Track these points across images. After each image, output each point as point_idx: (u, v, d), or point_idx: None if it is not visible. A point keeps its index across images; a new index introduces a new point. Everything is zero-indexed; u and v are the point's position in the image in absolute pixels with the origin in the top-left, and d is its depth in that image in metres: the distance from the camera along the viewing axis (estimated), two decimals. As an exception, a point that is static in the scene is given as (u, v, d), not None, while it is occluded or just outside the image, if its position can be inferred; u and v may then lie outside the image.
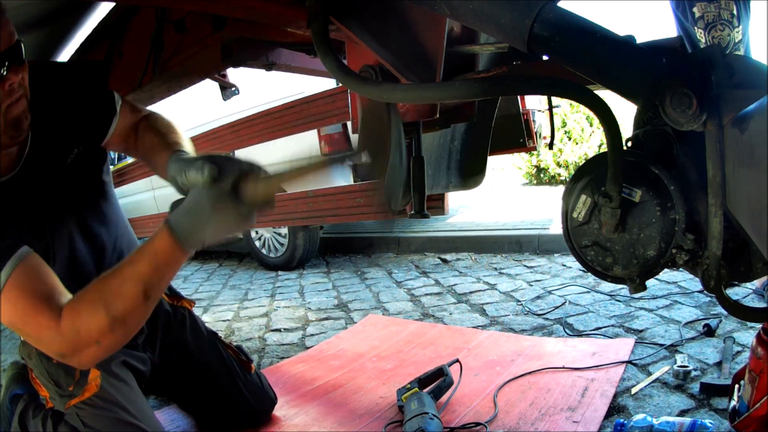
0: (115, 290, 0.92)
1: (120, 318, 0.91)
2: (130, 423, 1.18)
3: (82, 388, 1.19)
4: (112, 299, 0.91)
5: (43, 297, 0.94)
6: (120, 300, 0.91)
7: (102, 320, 0.91)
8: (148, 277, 0.93)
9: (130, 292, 0.92)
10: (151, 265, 0.93)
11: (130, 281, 0.92)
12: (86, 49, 2.00)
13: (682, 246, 0.80)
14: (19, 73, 1.03)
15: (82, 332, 0.91)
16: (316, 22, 0.94)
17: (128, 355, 1.31)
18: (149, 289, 0.93)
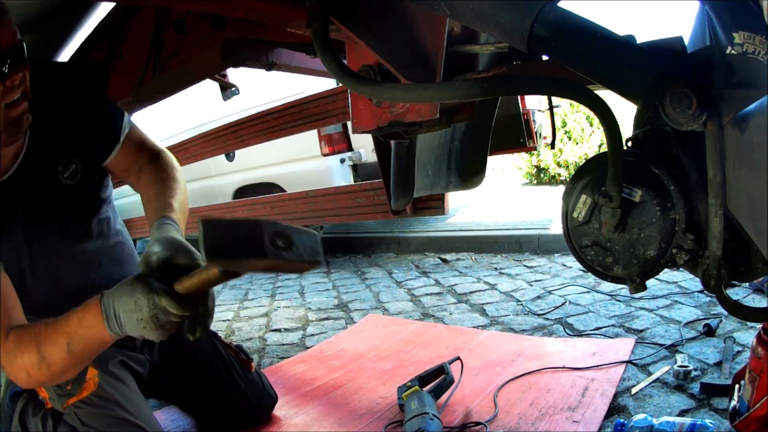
0: (49, 336, 0.96)
1: (47, 361, 0.96)
2: (129, 421, 1.18)
3: (80, 386, 1.19)
4: (44, 343, 0.96)
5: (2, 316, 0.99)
6: (50, 346, 0.96)
7: (33, 357, 0.96)
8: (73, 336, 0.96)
9: (59, 342, 0.96)
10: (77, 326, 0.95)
11: (61, 334, 0.96)
12: (86, 49, 2.00)
13: (682, 246, 0.80)
14: (21, 72, 1.04)
15: (17, 360, 0.97)
16: (316, 22, 0.94)
17: (126, 355, 1.31)
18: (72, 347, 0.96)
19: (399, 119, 1.03)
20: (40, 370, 0.97)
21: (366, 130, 1.09)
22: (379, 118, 1.05)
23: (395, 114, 1.03)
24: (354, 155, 3.64)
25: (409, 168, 1.67)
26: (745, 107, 0.65)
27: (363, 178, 3.62)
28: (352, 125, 1.11)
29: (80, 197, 1.27)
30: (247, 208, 2.82)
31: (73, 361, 0.98)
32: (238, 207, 2.89)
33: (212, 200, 3.46)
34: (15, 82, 1.03)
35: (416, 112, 1.01)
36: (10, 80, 1.02)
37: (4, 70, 1.00)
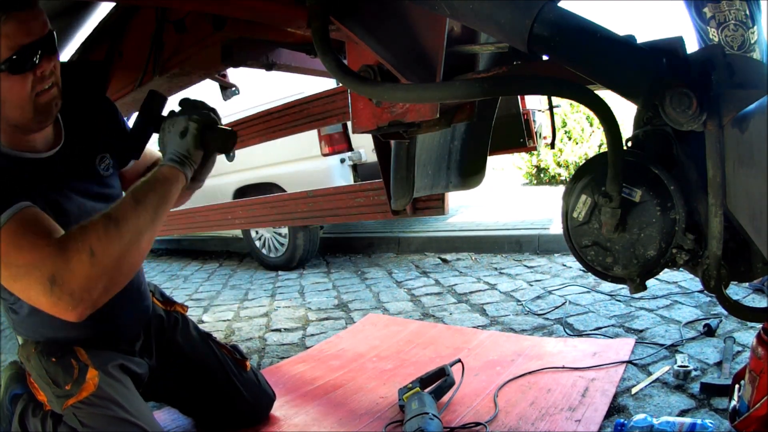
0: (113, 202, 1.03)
1: (113, 218, 0.96)
2: (128, 421, 1.18)
3: (79, 386, 1.19)
4: (107, 209, 0.99)
5: (43, 228, 0.97)
6: (115, 206, 1.00)
7: (98, 224, 0.95)
8: (135, 187, 1.04)
9: (122, 200, 1.02)
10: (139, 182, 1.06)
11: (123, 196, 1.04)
12: (86, 49, 2.00)
13: (682, 246, 0.80)
14: (51, 62, 1.06)
15: (77, 238, 0.93)
16: (316, 22, 0.93)
17: (125, 359, 1.32)
18: (137, 193, 1.02)
19: (399, 119, 1.03)
20: (107, 234, 0.94)
21: (366, 130, 1.09)
22: (379, 118, 1.05)
23: (395, 114, 1.03)
24: (354, 155, 3.64)
25: (409, 168, 1.67)
26: (745, 107, 0.65)
27: (363, 178, 3.62)
28: (352, 125, 1.11)
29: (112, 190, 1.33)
30: (247, 208, 2.81)
31: (141, 209, 1.00)
32: (238, 207, 2.89)
33: (212, 200, 3.45)
34: (46, 72, 1.05)
35: (416, 112, 1.01)
36: (41, 70, 1.04)
37: (35, 60, 1.02)
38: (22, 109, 1.05)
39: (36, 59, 1.02)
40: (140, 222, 0.99)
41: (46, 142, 1.19)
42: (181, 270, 4.76)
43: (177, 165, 1.10)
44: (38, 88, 1.05)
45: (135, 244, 0.98)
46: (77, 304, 0.92)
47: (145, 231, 1.01)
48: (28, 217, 0.98)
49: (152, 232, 1.03)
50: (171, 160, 1.10)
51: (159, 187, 1.05)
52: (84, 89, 1.32)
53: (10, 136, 1.10)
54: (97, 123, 1.31)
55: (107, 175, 1.32)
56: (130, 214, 0.98)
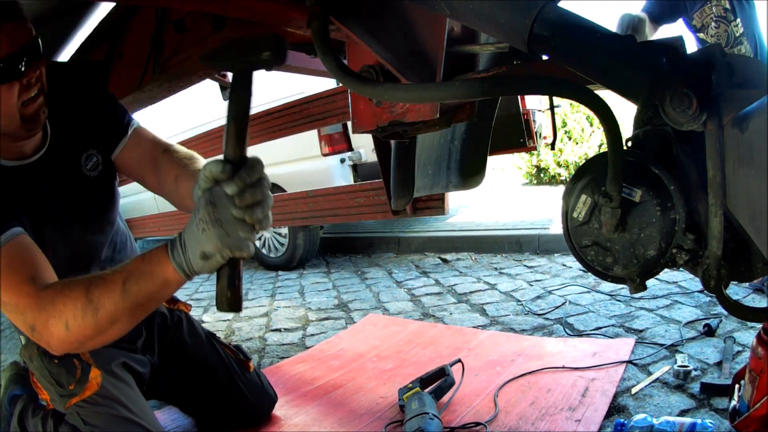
0: (103, 278, 0.92)
1: (95, 305, 0.89)
2: (131, 420, 1.18)
3: (82, 386, 1.19)
4: (95, 285, 0.91)
5: (31, 268, 0.96)
6: (101, 287, 0.90)
7: (78, 301, 0.90)
8: (132, 272, 0.90)
9: (113, 282, 0.90)
10: (139, 262, 0.91)
11: (117, 274, 0.91)
12: (86, 49, 2.00)
13: (682, 246, 0.80)
14: (37, 69, 1.06)
15: (57, 306, 0.91)
16: (316, 22, 0.93)
17: (128, 357, 1.32)
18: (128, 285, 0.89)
19: (399, 119, 1.03)
20: (84, 317, 0.89)
21: (366, 130, 1.09)
22: (379, 118, 1.05)
23: (395, 114, 1.03)
24: (354, 155, 3.64)
25: (409, 168, 1.67)
26: (745, 107, 0.65)
27: (363, 178, 3.62)
28: (352, 125, 1.11)
29: (100, 189, 1.29)
30: (247, 208, 2.81)
31: (127, 304, 0.89)
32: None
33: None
34: (32, 80, 1.05)
35: (416, 112, 1.01)
36: (27, 78, 1.03)
37: (20, 68, 1.01)
38: (9, 118, 1.04)
39: (21, 67, 1.01)
40: (121, 315, 0.91)
41: (34, 147, 1.18)
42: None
43: (183, 275, 0.88)
44: (24, 97, 1.05)
45: (111, 331, 0.94)
46: (55, 351, 0.97)
47: (125, 322, 0.94)
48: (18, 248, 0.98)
49: (133, 323, 0.96)
50: (180, 267, 0.88)
51: (154, 288, 0.90)
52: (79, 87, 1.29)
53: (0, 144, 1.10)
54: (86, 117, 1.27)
55: (94, 174, 1.26)
56: (112, 306, 0.90)
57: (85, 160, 1.26)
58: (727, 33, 2.09)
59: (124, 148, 1.30)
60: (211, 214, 0.84)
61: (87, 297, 0.90)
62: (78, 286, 0.92)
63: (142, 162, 1.30)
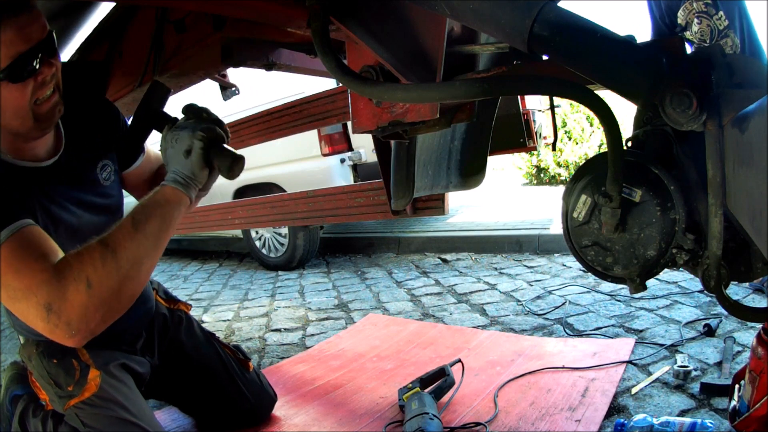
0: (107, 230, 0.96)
1: (111, 247, 0.91)
2: (130, 421, 1.18)
3: (81, 387, 1.19)
4: (107, 234, 0.95)
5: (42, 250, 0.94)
6: (113, 231, 0.95)
7: (95, 252, 0.91)
8: (135, 210, 0.98)
9: (120, 224, 0.96)
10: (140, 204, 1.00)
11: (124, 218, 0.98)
12: (86, 49, 2.00)
13: (682, 246, 0.80)
14: (52, 66, 1.02)
15: (74, 268, 0.89)
16: (316, 22, 0.93)
17: (127, 358, 1.32)
18: (137, 218, 0.96)
19: (399, 119, 1.03)
20: (105, 264, 0.89)
21: (366, 130, 1.09)
22: (379, 118, 1.05)
23: (395, 114, 1.03)
24: (354, 155, 3.64)
25: (409, 168, 1.67)
26: (745, 107, 0.65)
27: (363, 178, 3.62)
28: (352, 125, 1.11)
29: (113, 196, 1.31)
30: (247, 208, 2.81)
31: (141, 236, 0.93)
32: (238, 207, 2.89)
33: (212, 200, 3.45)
34: (47, 78, 1.01)
35: (416, 112, 1.01)
36: (42, 76, 1.00)
37: (35, 65, 0.97)
38: (23, 117, 1.01)
39: (36, 64, 0.98)
40: (140, 250, 0.94)
41: (47, 149, 1.16)
42: (181, 270, 4.76)
43: (180, 187, 1.01)
44: (39, 95, 1.01)
45: (134, 274, 0.94)
46: (74, 334, 0.91)
47: (145, 259, 0.95)
48: (27, 236, 0.95)
49: (153, 259, 0.98)
50: (175, 181, 1.02)
51: (160, 212, 0.98)
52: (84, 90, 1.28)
53: (11, 144, 1.08)
54: (99, 126, 1.27)
55: (108, 183, 1.28)
56: (128, 243, 0.92)
57: (100, 169, 1.27)
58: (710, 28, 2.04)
59: (137, 167, 1.38)
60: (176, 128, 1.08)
61: (102, 244, 0.92)
62: (92, 242, 0.94)
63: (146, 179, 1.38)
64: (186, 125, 1.08)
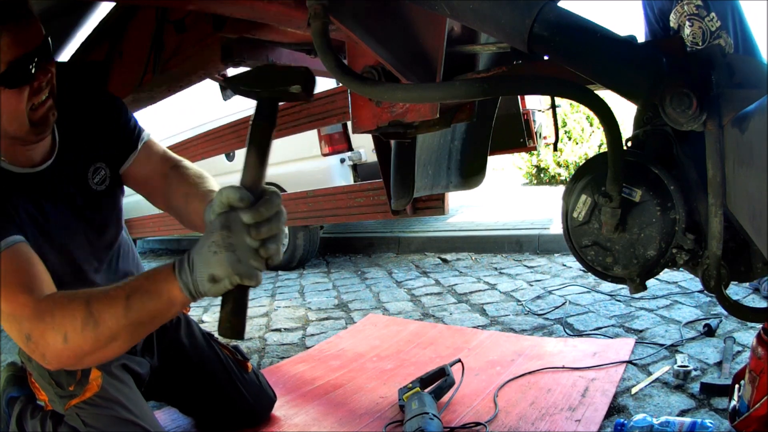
0: (105, 292, 0.90)
1: (95, 318, 0.87)
2: (131, 421, 1.18)
3: (83, 387, 1.19)
4: (97, 298, 0.89)
5: (29, 277, 0.94)
6: (104, 300, 0.88)
7: (78, 313, 0.87)
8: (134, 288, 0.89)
9: (116, 297, 0.88)
10: (144, 280, 0.90)
11: (120, 289, 0.89)
12: (86, 49, 2.00)
13: (682, 246, 0.80)
14: (48, 72, 1.02)
15: (56, 317, 0.89)
16: (316, 22, 0.93)
17: (127, 359, 1.31)
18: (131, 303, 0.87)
19: (399, 119, 1.03)
20: (84, 331, 0.86)
21: (366, 130, 1.09)
22: (379, 118, 1.05)
23: (395, 114, 1.03)
24: (354, 155, 3.64)
25: (409, 168, 1.67)
26: (745, 107, 0.65)
27: (363, 178, 3.62)
28: (352, 125, 1.11)
29: (106, 204, 1.28)
30: (247, 208, 2.81)
31: (128, 321, 0.86)
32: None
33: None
34: (42, 83, 1.01)
35: (416, 112, 1.01)
36: (38, 81, 1.00)
37: (31, 71, 0.98)
38: (19, 122, 1.02)
39: (32, 70, 0.98)
40: (123, 332, 0.89)
41: (44, 153, 1.15)
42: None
43: (189, 296, 0.86)
44: (35, 100, 1.01)
45: (110, 348, 0.91)
46: (49, 365, 0.94)
47: (126, 340, 0.92)
48: (16, 256, 0.95)
49: (131, 342, 0.94)
50: (186, 287, 0.86)
51: (159, 307, 0.88)
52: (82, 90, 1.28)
53: (8, 148, 1.08)
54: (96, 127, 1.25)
55: (102, 188, 1.25)
56: (113, 322, 0.87)
57: (92, 173, 1.23)
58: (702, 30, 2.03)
59: (134, 163, 1.29)
60: (225, 238, 0.82)
61: (88, 310, 0.87)
62: (78, 298, 0.90)
63: (150, 177, 1.30)
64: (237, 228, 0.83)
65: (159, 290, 0.87)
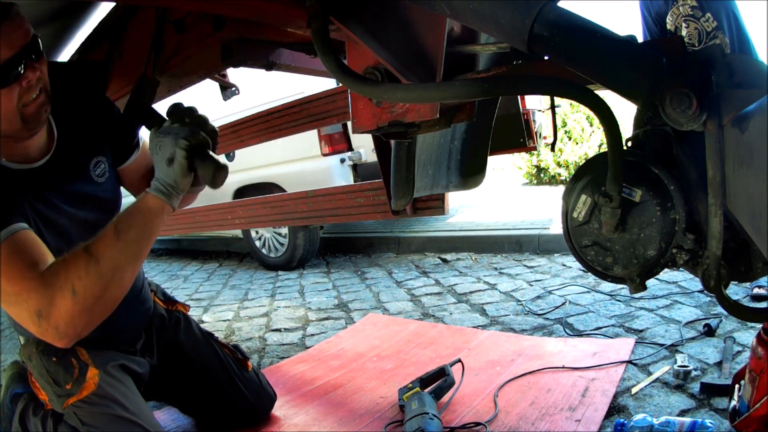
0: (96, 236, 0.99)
1: (95, 256, 0.94)
2: (128, 419, 1.18)
3: (80, 386, 1.19)
4: (91, 242, 0.98)
5: (33, 257, 0.98)
6: (97, 240, 0.98)
7: (79, 260, 0.95)
8: (118, 218, 1.02)
9: (106, 231, 0.99)
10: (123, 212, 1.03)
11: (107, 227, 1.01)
12: (86, 49, 2.00)
13: (682, 246, 0.80)
14: (37, 70, 1.04)
15: (60, 276, 0.94)
16: (316, 22, 0.93)
17: (126, 359, 1.32)
18: (119, 226, 0.99)
19: (399, 119, 1.03)
20: (88, 272, 0.94)
21: (366, 130, 1.09)
22: (379, 118, 1.05)
23: (395, 114, 1.03)
24: (354, 155, 3.64)
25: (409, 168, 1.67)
26: (745, 107, 0.65)
27: (363, 178, 3.62)
28: (352, 125, 1.11)
29: (108, 194, 1.30)
30: (247, 208, 2.81)
31: (122, 244, 0.97)
32: (238, 207, 2.89)
33: (212, 200, 3.45)
34: (32, 82, 1.03)
35: (416, 112, 1.01)
36: (26, 80, 1.02)
37: (19, 71, 1.00)
38: (10, 121, 1.03)
39: (21, 69, 1.00)
40: (121, 258, 0.98)
41: (40, 149, 1.17)
42: (181, 270, 4.76)
43: (162, 196, 1.03)
44: (25, 99, 1.03)
45: (116, 281, 0.99)
46: (63, 336, 0.97)
47: (127, 266, 1.00)
48: (20, 242, 0.98)
49: (135, 266, 1.02)
50: (157, 189, 1.03)
51: (141, 220, 1.01)
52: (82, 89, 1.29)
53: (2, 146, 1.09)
54: (94, 124, 1.27)
55: (102, 180, 1.28)
56: (110, 251, 0.96)
57: (94, 166, 1.27)
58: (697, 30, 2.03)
59: (133, 162, 1.36)
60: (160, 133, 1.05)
61: (86, 252, 0.95)
62: (77, 249, 0.97)
63: (144, 176, 1.37)
64: (170, 130, 1.06)
65: (138, 207, 1.02)
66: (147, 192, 1.04)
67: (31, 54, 1.02)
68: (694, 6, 2.01)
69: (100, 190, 1.27)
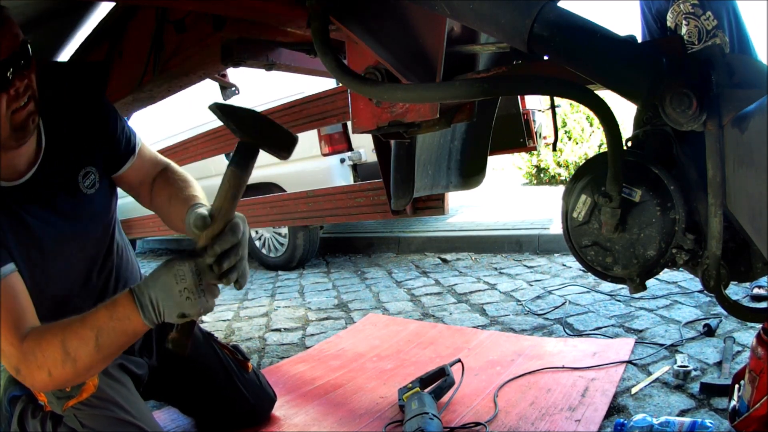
0: (75, 331, 0.97)
1: (72, 357, 0.96)
2: (128, 421, 1.18)
3: (79, 388, 1.18)
4: (70, 338, 0.96)
5: (15, 315, 0.99)
6: (76, 340, 0.96)
7: (57, 353, 0.96)
8: (103, 328, 0.96)
9: (86, 336, 0.96)
10: (107, 319, 0.96)
11: (88, 328, 0.96)
12: (86, 49, 2.00)
13: (682, 246, 0.80)
14: (25, 77, 1.01)
15: (39, 358, 0.96)
16: (316, 22, 0.93)
17: (126, 359, 1.31)
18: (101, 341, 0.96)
19: (399, 119, 1.03)
20: (64, 367, 0.96)
21: (366, 130, 1.09)
22: (379, 118, 1.05)
23: (395, 114, 1.03)
24: (354, 155, 3.64)
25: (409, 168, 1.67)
26: (745, 107, 0.65)
27: (363, 178, 3.62)
28: (352, 125, 1.11)
29: (98, 205, 1.27)
30: (247, 208, 2.81)
31: (101, 355, 0.98)
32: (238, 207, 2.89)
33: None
34: (20, 89, 1.00)
35: (416, 112, 1.01)
36: (15, 88, 0.99)
37: (8, 77, 0.97)
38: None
39: (9, 76, 0.96)
40: (99, 365, 1.02)
41: (28, 159, 1.12)
42: (181, 270, 4.75)
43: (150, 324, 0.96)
44: (14, 106, 1.00)
45: (87, 374, 1.05)
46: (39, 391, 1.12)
47: (100, 367, 1.05)
48: (7, 289, 0.99)
49: (105, 365, 1.06)
50: (150, 321, 0.96)
51: (125, 340, 1.00)
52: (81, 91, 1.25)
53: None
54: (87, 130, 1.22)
55: (92, 191, 1.23)
56: (88, 359, 0.98)
57: (82, 177, 1.21)
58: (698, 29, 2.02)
59: (132, 167, 1.32)
60: (197, 285, 0.94)
61: (64, 350, 0.96)
62: (55, 338, 0.97)
63: (142, 181, 1.34)
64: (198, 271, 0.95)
65: (125, 328, 0.97)
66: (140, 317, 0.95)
67: (20, 60, 0.98)
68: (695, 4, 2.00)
69: (87, 201, 1.22)
